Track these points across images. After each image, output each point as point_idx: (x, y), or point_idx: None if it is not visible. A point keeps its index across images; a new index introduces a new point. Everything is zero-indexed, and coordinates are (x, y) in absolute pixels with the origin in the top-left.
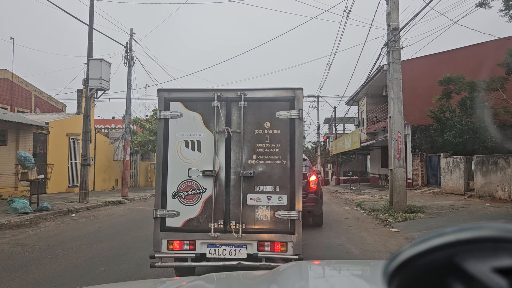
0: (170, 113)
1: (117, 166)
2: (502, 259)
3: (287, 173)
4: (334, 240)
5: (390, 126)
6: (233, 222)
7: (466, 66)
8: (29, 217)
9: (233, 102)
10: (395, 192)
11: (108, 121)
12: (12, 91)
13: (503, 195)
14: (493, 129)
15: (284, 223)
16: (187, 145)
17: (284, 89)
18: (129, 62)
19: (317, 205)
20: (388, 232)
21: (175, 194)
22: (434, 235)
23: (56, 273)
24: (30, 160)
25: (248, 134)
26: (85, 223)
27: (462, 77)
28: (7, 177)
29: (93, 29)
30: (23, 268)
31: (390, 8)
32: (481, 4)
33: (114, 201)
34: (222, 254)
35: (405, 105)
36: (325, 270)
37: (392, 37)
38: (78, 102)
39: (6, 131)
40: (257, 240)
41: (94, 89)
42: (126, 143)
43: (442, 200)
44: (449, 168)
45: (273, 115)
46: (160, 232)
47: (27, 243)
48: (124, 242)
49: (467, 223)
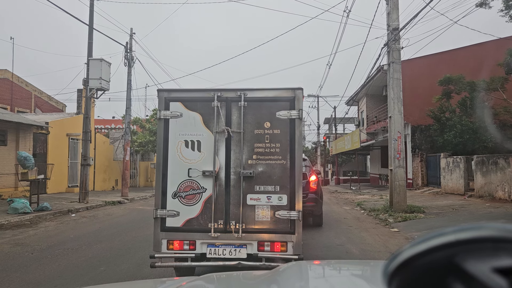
0: (170, 113)
1: (117, 166)
2: (502, 259)
3: (287, 173)
4: (334, 240)
5: (390, 126)
6: (233, 222)
7: (466, 66)
8: (29, 217)
9: (233, 102)
10: (395, 192)
11: (108, 121)
12: (12, 91)
13: (503, 195)
14: (493, 129)
15: (284, 223)
16: (187, 145)
17: (284, 89)
18: (129, 62)
19: (317, 205)
20: (388, 232)
21: (175, 194)
22: (434, 235)
23: (56, 273)
24: (30, 160)
25: (248, 134)
26: (85, 223)
27: (462, 77)
28: (7, 177)
29: (93, 29)
30: (23, 268)
31: (390, 8)
32: (481, 4)
33: (114, 201)
34: (222, 254)
35: (405, 105)
36: (325, 270)
37: (392, 37)
38: (78, 102)
39: (6, 131)
40: (257, 240)
41: (94, 89)
42: (126, 143)
43: (442, 200)
44: (449, 168)
45: (273, 115)
46: (160, 232)
47: (27, 243)
48: (124, 242)
49: (467, 223)
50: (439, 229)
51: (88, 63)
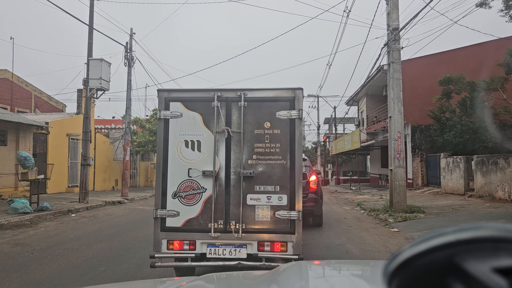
0: (170, 113)
1: (117, 166)
2: (502, 259)
3: (287, 173)
4: (334, 240)
5: (390, 126)
6: (233, 222)
7: (466, 66)
8: (29, 217)
9: (233, 102)
10: (395, 192)
11: (108, 121)
12: (12, 91)
13: (503, 195)
14: (493, 129)
15: (284, 223)
16: (187, 145)
17: (284, 89)
18: (129, 62)
19: (317, 205)
20: (388, 232)
21: (175, 194)
22: (434, 235)
23: (56, 273)
24: (30, 160)
25: (248, 134)
26: (85, 223)
27: (462, 77)
28: (7, 177)
29: (93, 29)
30: (23, 268)
31: (390, 8)
32: (481, 4)
33: (114, 201)
34: (222, 254)
35: (405, 105)
36: (325, 270)
37: (392, 37)
38: (78, 102)
39: (6, 131)
40: (257, 240)
41: (94, 89)
42: (126, 143)
43: (442, 200)
44: (449, 168)
45: (273, 115)
46: (160, 232)
47: (27, 243)
48: (124, 242)
49: (467, 223)
50: (439, 229)
51: (88, 63)
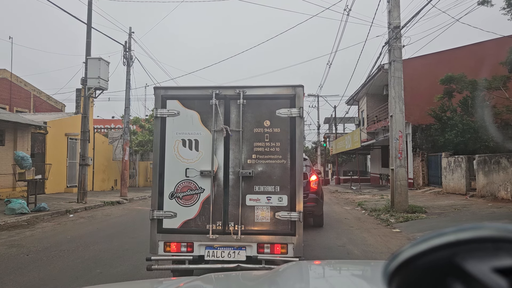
0: (167, 111)
1: (116, 166)
2: (502, 259)
3: (288, 173)
4: (335, 241)
5: (391, 125)
6: (232, 224)
7: (467, 65)
8: (26, 218)
9: (231, 100)
10: (396, 192)
11: (107, 121)
12: (11, 91)
13: (506, 195)
14: (494, 129)
15: (285, 224)
16: (185, 144)
17: (284, 86)
18: (128, 61)
19: (318, 205)
20: (390, 233)
21: (172, 195)
22: (434, 235)
23: (51, 275)
24: (28, 160)
25: (247, 133)
26: (82, 223)
27: (464, 75)
28: (4, 177)
29: (92, 28)
30: (17, 271)
31: (391, 6)
32: (483, 2)
33: (112, 202)
34: (221, 256)
35: (406, 105)
36: (325, 270)
37: (393, 35)
38: (77, 101)
39: (4, 131)
40: (256, 242)
41: (92, 89)
42: (125, 143)
43: (444, 200)
44: (451, 168)
45: (273, 113)
46: (157, 233)
47: (23, 244)
48: (122, 243)
49: (469, 223)
50: (440, 229)
51: (86, 62)
